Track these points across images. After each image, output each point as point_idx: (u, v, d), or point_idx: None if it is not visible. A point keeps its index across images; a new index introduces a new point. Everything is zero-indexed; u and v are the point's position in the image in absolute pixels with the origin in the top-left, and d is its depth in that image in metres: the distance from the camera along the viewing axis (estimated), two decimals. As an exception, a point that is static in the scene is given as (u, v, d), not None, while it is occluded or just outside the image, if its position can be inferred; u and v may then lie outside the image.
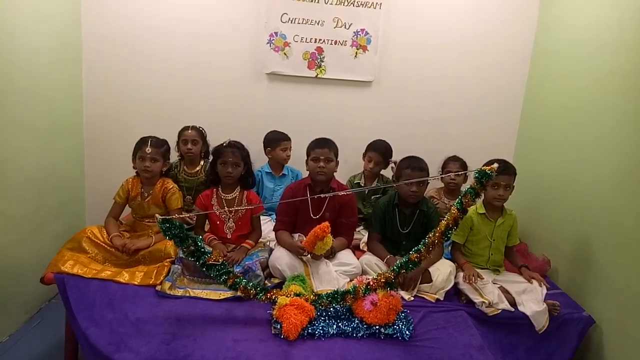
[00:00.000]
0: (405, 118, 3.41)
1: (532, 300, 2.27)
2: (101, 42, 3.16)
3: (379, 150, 3.10)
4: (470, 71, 3.35)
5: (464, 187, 2.16)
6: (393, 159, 3.09)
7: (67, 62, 3.00)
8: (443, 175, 2.97)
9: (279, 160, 3.16)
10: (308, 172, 2.60)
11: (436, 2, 3.27)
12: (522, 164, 2.89)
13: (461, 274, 2.39)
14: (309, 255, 2.38)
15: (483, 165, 2.11)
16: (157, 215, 1.90)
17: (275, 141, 3.14)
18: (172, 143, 2.85)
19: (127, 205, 2.61)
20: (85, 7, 3.09)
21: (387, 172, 3.21)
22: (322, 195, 2.32)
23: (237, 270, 2.22)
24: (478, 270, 2.39)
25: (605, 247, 2.30)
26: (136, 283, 2.19)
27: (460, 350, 1.99)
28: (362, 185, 3.16)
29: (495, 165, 1.96)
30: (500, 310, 2.24)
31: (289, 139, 3.16)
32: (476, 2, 3.28)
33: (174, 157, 2.90)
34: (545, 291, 2.32)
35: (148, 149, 2.50)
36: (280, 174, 3.20)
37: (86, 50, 3.15)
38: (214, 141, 2.75)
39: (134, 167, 2.59)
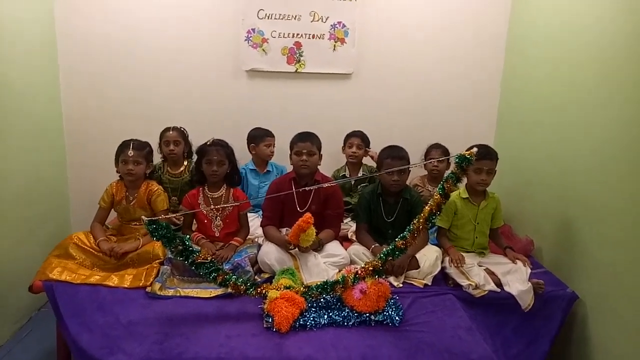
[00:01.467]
0: (386, 109, 3.44)
1: (517, 280, 2.32)
2: (77, 45, 3.14)
3: (358, 135, 3.19)
4: (447, 60, 3.39)
5: (447, 174, 2.20)
6: (373, 149, 3.13)
7: (43, 68, 2.97)
8: (424, 162, 3.01)
9: (263, 156, 3.17)
10: (292, 166, 2.62)
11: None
12: (503, 148, 2.93)
13: (447, 259, 2.44)
14: (296, 249, 2.40)
15: (464, 151, 2.15)
16: (143, 217, 1.91)
17: (259, 137, 3.15)
18: (154, 145, 2.84)
19: (113, 209, 2.60)
20: (59, 10, 3.06)
21: (370, 162, 3.25)
22: (307, 189, 2.34)
23: (227, 267, 2.23)
24: (463, 254, 2.44)
25: (588, 225, 2.35)
26: (126, 286, 2.19)
27: (450, 332, 2.02)
28: (348, 176, 3.19)
29: (475, 149, 2.00)
30: (487, 292, 2.29)
31: (272, 135, 3.17)
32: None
33: (157, 159, 2.89)
34: (529, 271, 2.37)
35: (130, 152, 2.49)
36: (265, 171, 3.22)
37: (62, 54, 3.13)
38: (196, 141, 2.75)
39: (117, 171, 2.58)
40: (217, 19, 3.23)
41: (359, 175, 3.19)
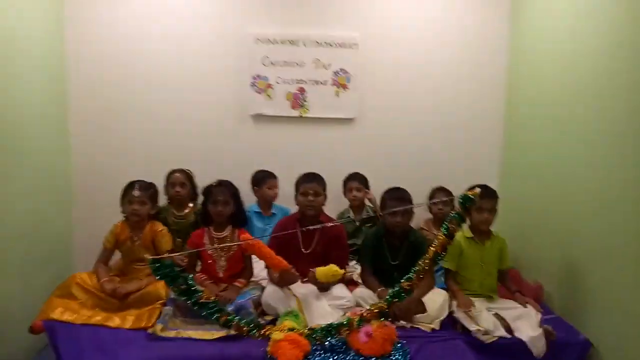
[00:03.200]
0: (389, 151, 3.47)
1: (527, 325, 2.26)
2: (86, 89, 3.22)
3: (356, 178, 3.23)
4: (449, 102, 3.45)
5: (451, 215, 2.21)
6: (373, 191, 3.16)
7: (53, 112, 3.03)
8: (428, 204, 3.01)
9: (267, 198, 3.19)
10: (297, 207, 2.63)
11: (411, 39, 3.40)
12: (506, 189, 2.94)
13: (455, 302, 2.39)
14: (300, 293, 2.35)
15: (466, 191, 2.16)
16: (146, 255, 1.90)
17: (261, 180, 3.18)
18: (160, 186, 2.86)
19: (117, 249, 2.59)
20: (69, 49, 3.16)
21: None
22: (311, 228, 2.33)
23: (230, 309, 2.19)
24: (472, 298, 2.39)
25: (596, 269, 2.31)
26: (127, 327, 2.15)
27: (459, 378, 1.97)
28: (352, 217, 3.19)
29: (477, 189, 2.01)
30: (497, 338, 2.23)
31: (275, 177, 3.20)
32: (446, 32, 3.40)
33: (162, 200, 2.91)
34: (540, 316, 2.32)
35: (136, 192, 2.51)
36: (270, 213, 3.22)
37: (72, 96, 3.20)
38: (202, 183, 2.77)
39: (122, 212, 2.59)
40: (224, 65, 3.32)
41: (363, 216, 3.19)
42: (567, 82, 2.65)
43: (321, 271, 2.31)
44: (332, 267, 2.32)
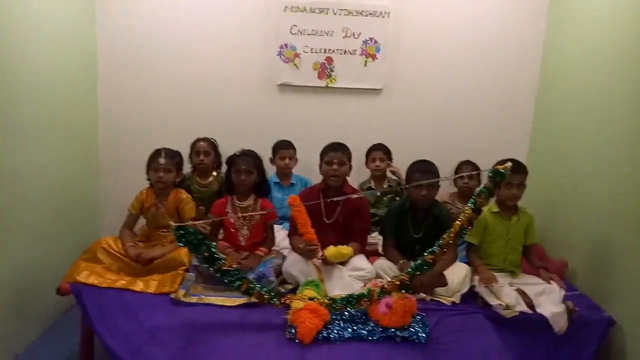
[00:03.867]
0: (417, 123, 3.42)
1: (550, 301, 2.23)
2: (115, 57, 3.25)
3: (379, 148, 3.19)
4: (480, 73, 3.36)
5: (479, 188, 2.16)
6: (397, 163, 3.13)
7: (83, 78, 3.08)
8: (454, 177, 2.95)
9: (279, 169, 3.19)
10: (321, 176, 2.61)
11: (444, 7, 3.29)
12: (535, 164, 2.87)
13: (477, 277, 2.37)
14: (320, 261, 2.36)
15: (495, 165, 2.11)
16: (171, 222, 1.92)
17: (275, 149, 3.19)
18: (185, 155, 2.88)
19: (142, 215, 2.64)
20: (99, 23, 3.19)
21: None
22: (335, 199, 2.32)
23: (251, 277, 2.22)
24: (494, 273, 2.36)
25: (626, 247, 2.25)
26: (151, 291, 2.20)
27: (478, 353, 1.96)
28: (373, 188, 3.17)
29: (509, 163, 1.96)
30: (518, 313, 2.20)
31: (288, 148, 3.18)
32: (484, 4, 3.29)
33: (187, 169, 2.94)
34: (563, 292, 2.28)
35: (161, 160, 2.53)
36: (289, 183, 3.22)
37: (101, 66, 3.24)
38: (227, 152, 2.78)
39: (147, 179, 2.63)
40: (251, 34, 3.29)
41: (384, 187, 3.16)
42: (602, 57, 2.55)
43: (331, 251, 2.30)
44: (341, 249, 2.31)
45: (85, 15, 3.08)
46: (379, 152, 3.18)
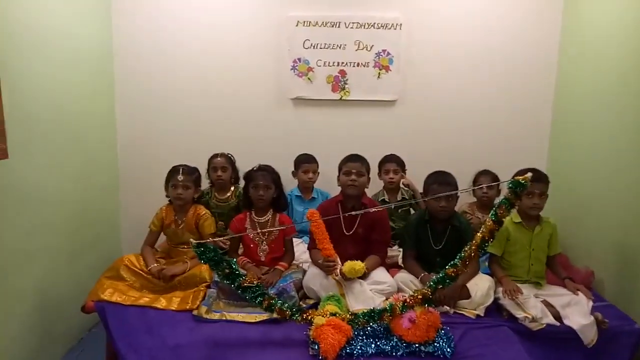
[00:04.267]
0: (432, 134, 3.40)
1: (578, 313, 2.18)
2: (132, 75, 3.29)
3: (392, 160, 3.14)
4: (495, 81, 3.33)
5: (497, 201, 2.13)
6: (410, 175, 3.11)
7: (100, 97, 3.12)
8: (473, 188, 2.92)
9: (302, 182, 3.19)
10: (340, 188, 2.61)
11: (456, 16, 3.28)
12: (556, 172, 2.82)
13: (501, 289, 2.33)
14: (339, 274, 2.34)
15: (515, 175, 2.08)
16: (191, 239, 1.93)
17: (298, 164, 3.19)
18: (203, 171, 2.90)
19: (162, 232, 2.66)
20: (116, 41, 3.24)
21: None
22: (353, 213, 2.31)
23: (272, 292, 2.21)
24: (518, 285, 2.32)
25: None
26: (173, 308, 2.21)
27: (506, 367, 1.92)
28: (387, 200, 3.14)
29: (529, 174, 1.92)
30: (544, 325, 2.16)
31: (311, 162, 3.18)
32: (496, 12, 3.27)
33: (205, 184, 2.96)
34: (591, 303, 2.23)
35: (180, 177, 2.55)
36: (310, 197, 3.22)
37: (118, 85, 3.29)
38: (243, 167, 2.79)
39: (166, 196, 2.65)
40: (264, 48, 3.31)
41: (398, 199, 3.12)
42: (618, 63, 2.53)
43: (347, 266, 2.28)
44: (355, 265, 2.27)
45: (102, 31, 3.14)
46: (393, 164, 3.13)
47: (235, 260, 2.05)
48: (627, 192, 2.41)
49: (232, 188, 3.08)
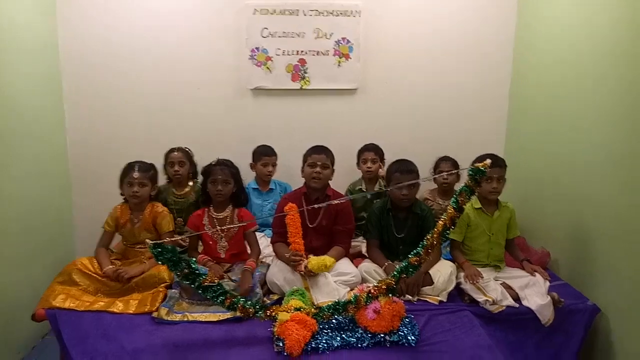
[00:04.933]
0: (393, 122, 3.40)
1: (535, 294, 2.24)
2: (80, 69, 3.14)
3: (371, 149, 3.10)
4: (454, 70, 3.35)
5: (458, 187, 2.15)
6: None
7: (47, 93, 2.97)
8: (434, 176, 2.95)
9: (260, 175, 3.13)
10: (304, 179, 2.58)
11: (415, 5, 3.27)
12: (513, 157, 2.88)
13: (462, 274, 2.36)
14: (304, 268, 2.31)
15: (474, 162, 2.10)
16: (147, 240, 1.85)
17: (256, 156, 3.12)
18: (159, 166, 2.80)
19: (117, 232, 2.55)
20: (61, 31, 3.07)
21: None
22: (316, 206, 2.28)
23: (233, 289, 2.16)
24: (479, 269, 2.36)
25: (605, 236, 2.28)
26: (131, 312, 2.13)
27: (469, 351, 1.95)
28: (365, 191, 3.11)
29: (488, 160, 1.94)
30: (504, 307, 2.22)
31: (271, 155, 3.12)
32: (455, 3, 3.28)
33: (161, 180, 2.86)
34: (548, 284, 2.29)
35: (135, 174, 2.45)
36: (267, 189, 3.16)
37: (65, 78, 3.12)
38: (202, 161, 2.71)
39: (121, 194, 2.54)
40: (221, 38, 3.22)
41: (375, 189, 3.09)
42: (570, 53, 2.59)
43: (313, 263, 2.24)
44: (325, 260, 2.24)
45: (47, 25, 2.97)
46: (371, 153, 3.08)
47: (194, 259, 1.99)
48: (581, 175, 2.47)
49: (191, 183, 2.99)
